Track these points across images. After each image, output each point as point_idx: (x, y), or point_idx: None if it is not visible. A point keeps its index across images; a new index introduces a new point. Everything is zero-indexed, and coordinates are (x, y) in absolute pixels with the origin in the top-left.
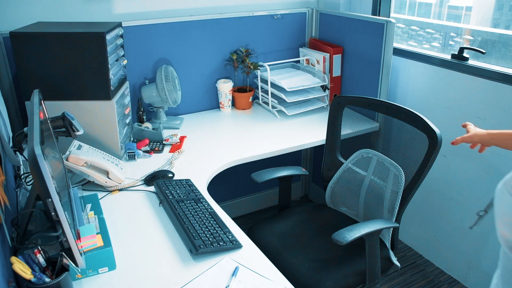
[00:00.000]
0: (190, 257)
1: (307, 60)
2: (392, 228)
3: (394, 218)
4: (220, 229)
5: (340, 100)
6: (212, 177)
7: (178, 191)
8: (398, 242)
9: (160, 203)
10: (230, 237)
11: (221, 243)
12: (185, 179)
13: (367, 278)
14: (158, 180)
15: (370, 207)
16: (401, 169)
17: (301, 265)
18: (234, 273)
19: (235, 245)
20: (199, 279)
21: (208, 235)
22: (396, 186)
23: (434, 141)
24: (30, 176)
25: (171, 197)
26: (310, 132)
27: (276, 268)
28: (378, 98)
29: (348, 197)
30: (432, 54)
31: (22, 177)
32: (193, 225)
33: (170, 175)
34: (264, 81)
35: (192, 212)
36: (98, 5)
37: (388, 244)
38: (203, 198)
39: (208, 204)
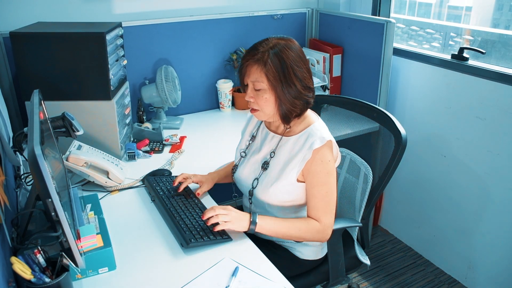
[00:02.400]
0: (190, 256)
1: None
2: (357, 227)
3: (360, 217)
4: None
5: (316, 100)
6: None
7: (168, 187)
8: (397, 242)
9: (152, 200)
10: (220, 231)
11: (211, 236)
12: (175, 176)
13: (330, 276)
14: (148, 177)
15: (343, 205)
16: (370, 169)
17: None
18: (234, 273)
19: (225, 238)
20: (199, 279)
21: (198, 230)
22: (365, 185)
23: (399, 142)
24: (30, 176)
25: (161, 193)
26: None
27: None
28: (352, 98)
29: None
30: (432, 54)
31: (22, 177)
32: (183, 220)
33: (167, 173)
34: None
35: (182, 207)
36: (98, 5)
37: (355, 243)
38: (192, 193)
39: (198, 199)
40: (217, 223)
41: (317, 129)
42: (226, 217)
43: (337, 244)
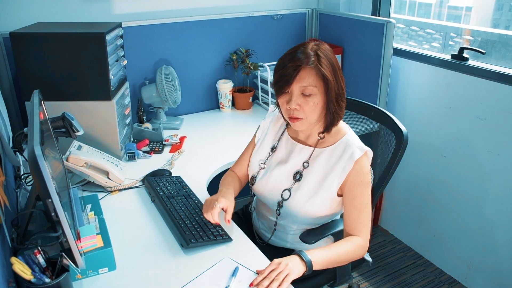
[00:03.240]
0: (190, 256)
1: None
2: None
3: None
4: (210, 223)
5: None
6: (212, 177)
7: (168, 187)
8: (398, 243)
9: (152, 200)
10: (220, 231)
11: (211, 237)
12: (176, 176)
13: (337, 276)
14: (148, 177)
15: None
16: (371, 169)
17: None
18: (234, 273)
19: (225, 238)
20: (199, 279)
21: (198, 230)
22: None
23: (400, 140)
24: (30, 176)
25: (161, 193)
26: None
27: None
28: (348, 97)
29: None
30: (432, 55)
31: (22, 177)
32: (183, 220)
33: (167, 174)
34: (264, 81)
35: (183, 208)
36: (98, 6)
37: None
38: (193, 194)
39: (198, 200)
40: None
41: (353, 139)
42: (284, 272)
43: None
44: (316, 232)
